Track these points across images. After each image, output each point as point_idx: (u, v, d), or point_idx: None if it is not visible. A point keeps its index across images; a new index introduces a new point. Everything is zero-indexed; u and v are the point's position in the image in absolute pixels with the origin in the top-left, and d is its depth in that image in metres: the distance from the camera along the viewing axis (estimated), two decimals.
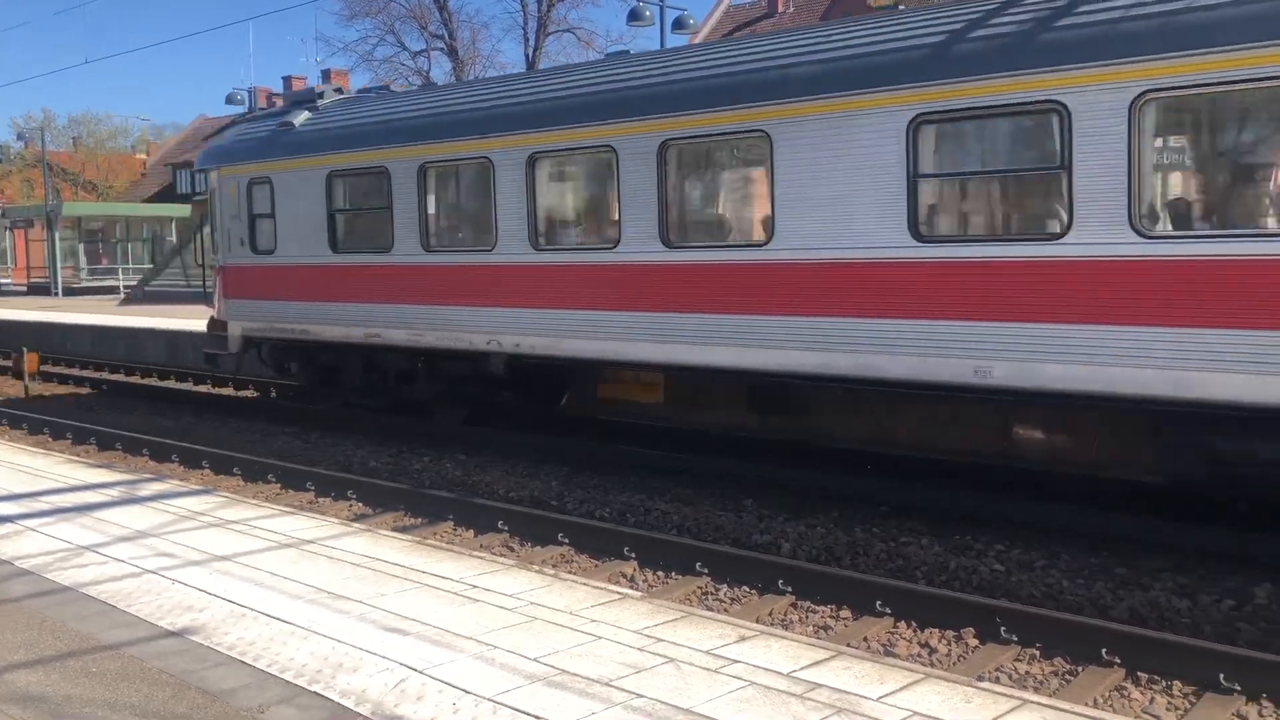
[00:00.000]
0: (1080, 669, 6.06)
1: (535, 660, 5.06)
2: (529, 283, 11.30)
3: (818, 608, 7.19)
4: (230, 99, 39.31)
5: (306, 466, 11.47)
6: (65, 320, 27.45)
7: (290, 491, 10.89)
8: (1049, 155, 8.05)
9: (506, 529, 9.15)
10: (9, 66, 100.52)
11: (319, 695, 4.73)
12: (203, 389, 18.68)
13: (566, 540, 8.72)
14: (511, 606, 5.87)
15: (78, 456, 12.01)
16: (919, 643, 6.61)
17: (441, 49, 45.35)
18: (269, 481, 11.22)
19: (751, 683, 4.76)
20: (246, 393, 17.83)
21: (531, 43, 44.13)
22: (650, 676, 4.84)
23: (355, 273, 13.14)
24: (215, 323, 15.38)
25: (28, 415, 15.21)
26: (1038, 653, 6.30)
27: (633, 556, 8.28)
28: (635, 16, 26.98)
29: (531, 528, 9.06)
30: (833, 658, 5.06)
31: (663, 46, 26.07)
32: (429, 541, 7.68)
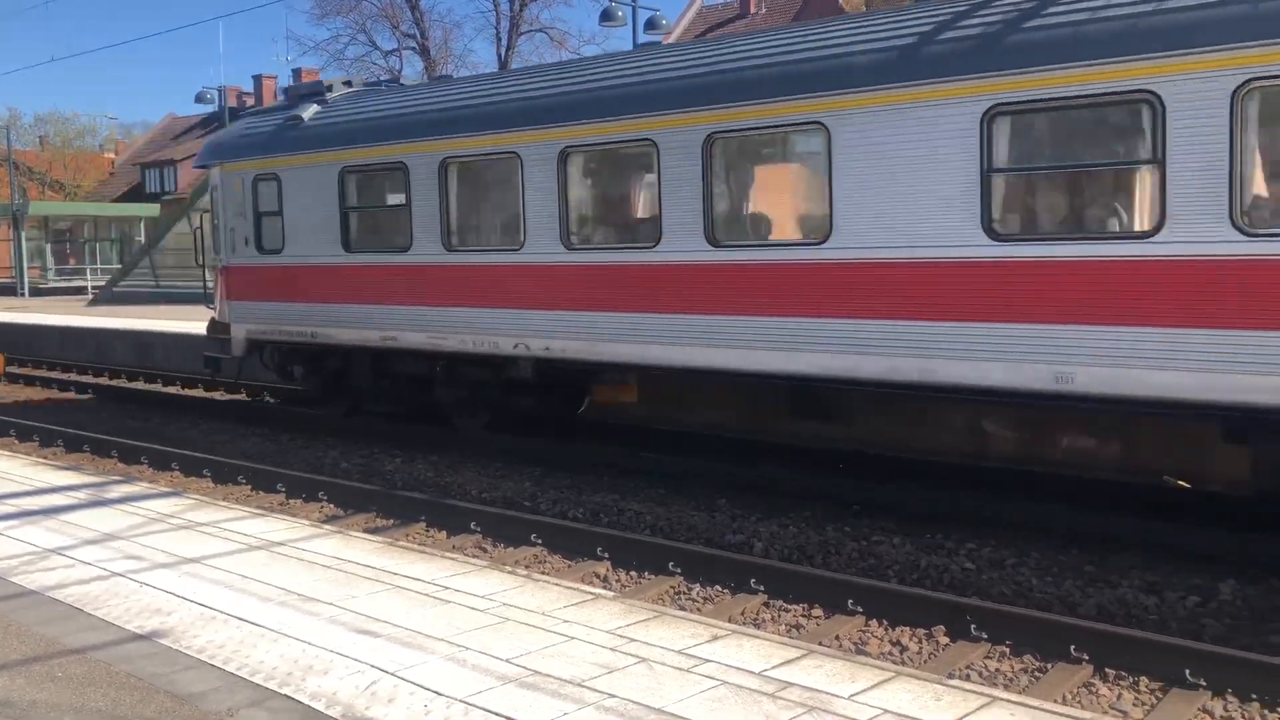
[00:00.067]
0: (1049, 666, 6.11)
1: (507, 661, 5.06)
2: (560, 283, 10.76)
3: (790, 607, 7.22)
4: (200, 98, 39.13)
5: (277, 468, 11.39)
6: (32, 321, 27.14)
7: (261, 493, 10.82)
8: (1139, 149, 7.62)
9: (479, 530, 9.13)
10: None
11: (289, 698, 4.70)
12: (172, 390, 18.53)
13: (539, 541, 8.72)
14: (483, 608, 5.86)
15: (44, 459, 11.87)
16: (890, 641, 6.65)
17: (413, 48, 45.27)
18: (239, 483, 11.14)
19: (723, 682, 4.77)
20: (216, 394, 17.69)
21: (504, 42, 44.16)
22: (622, 676, 4.84)
23: (370, 273, 12.54)
24: (216, 325, 14.64)
25: None
26: (1008, 650, 6.35)
27: (606, 557, 8.28)
28: (608, 17, 27.02)
29: (504, 529, 9.04)
30: (804, 656, 5.09)
31: (635, 47, 26.07)
32: (401, 543, 7.65)
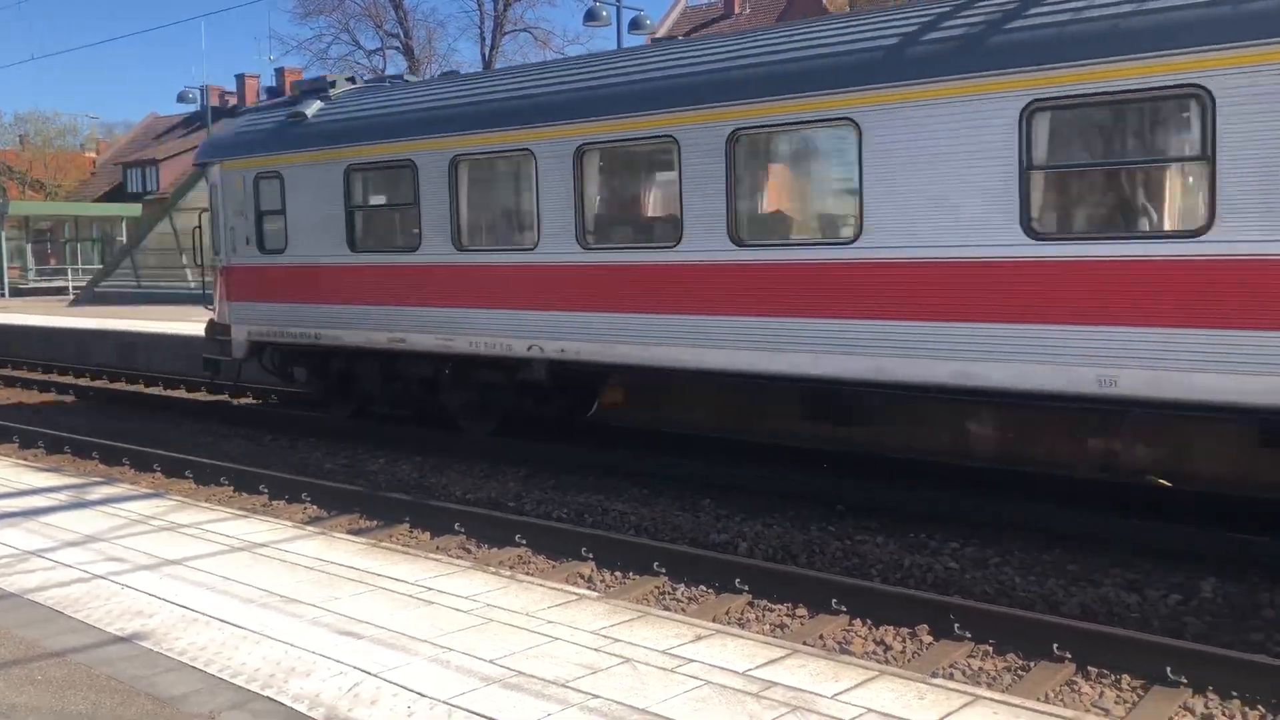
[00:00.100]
0: (1032, 664, 6.13)
1: (491, 662, 5.04)
2: (576, 284, 10.52)
3: (774, 606, 7.23)
4: (182, 97, 38.91)
5: (260, 469, 11.34)
6: (12, 321, 26.94)
7: (243, 494, 10.77)
8: (1187, 145, 7.49)
9: (463, 531, 9.11)
10: None
11: (271, 700, 4.68)
12: (154, 391, 18.42)
13: (524, 541, 8.70)
14: (467, 608, 5.84)
15: (25, 460, 11.79)
16: (874, 640, 6.66)
17: (397, 48, 45.19)
18: (221, 484, 11.08)
19: (707, 682, 4.77)
20: (199, 395, 17.60)
21: (488, 42, 44.13)
22: (606, 677, 4.84)
23: (377, 273, 12.25)
24: (216, 327, 14.30)
25: None
26: (991, 649, 6.37)
27: (590, 557, 8.27)
28: (592, 17, 27.01)
29: (488, 529, 9.02)
30: (788, 656, 5.09)
31: (619, 47, 26.08)
32: (384, 544, 7.62)
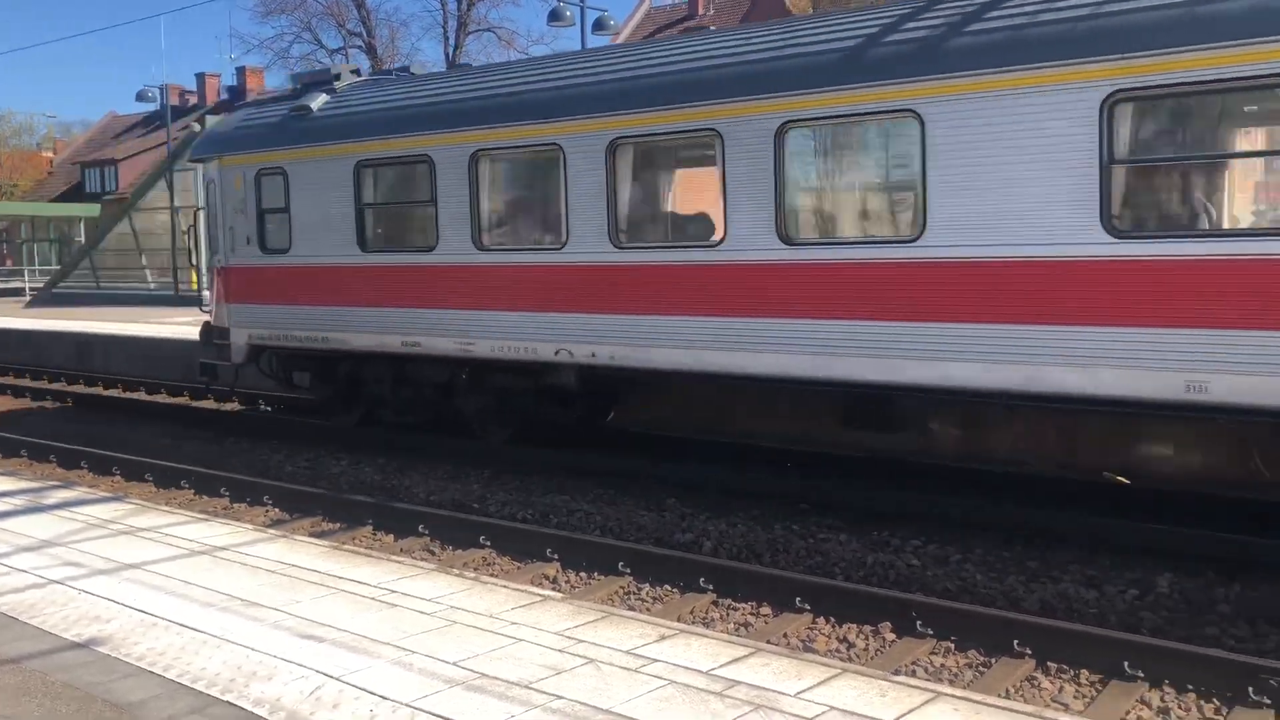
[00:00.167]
0: (993, 660, 6.19)
1: (454, 664, 5.03)
2: (609, 285, 10.03)
3: (739, 605, 7.25)
4: (141, 96, 38.45)
5: (221, 472, 11.23)
6: None
7: (204, 497, 10.67)
8: None
9: (427, 533, 9.06)
10: None
11: (232, 705, 4.64)
12: (113, 393, 18.19)
13: (488, 543, 8.67)
14: (430, 611, 5.82)
15: None
16: (837, 638, 6.70)
17: (360, 47, 44.92)
18: (182, 488, 10.97)
19: (671, 681, 4.78)
20: (159, 397, 17.41)
21: (451, 42, 43.97)
22: (570, 678, 4.84)
23: (390, 274, 11.70)
24: (213, 330, 13.67)
25: None
26: (953, 645, 6.42)
27: (555, 558, 8.26)
28: (556, 17, 26.96)
29: (452, 531, 8.99)
30: (752, 654, 5.11)
31: (583, 48, 26.08)
32: (347, 546, 7.58)
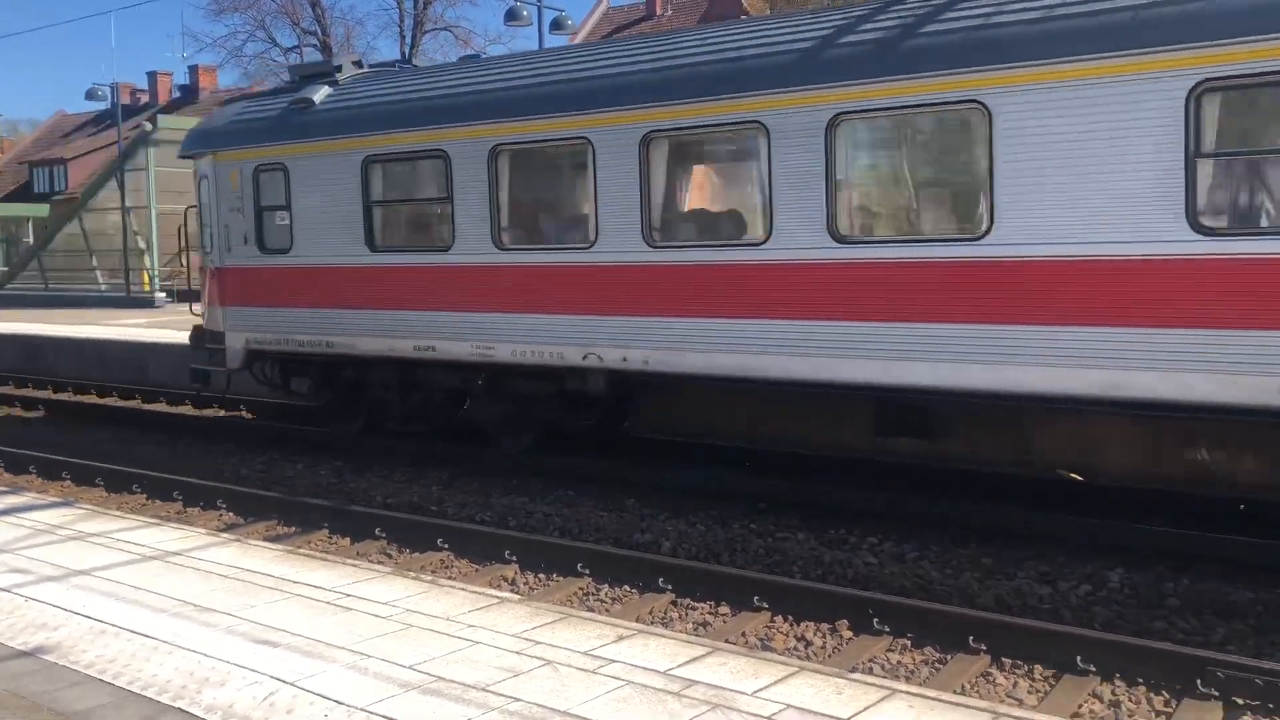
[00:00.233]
0: (949, 657, 6.25)
1: (410, 668, 4.99)
2: (642, 286, 9.60)
3: (697, 604, 7.26)
4: (91, 94, 37.87)
5: (173, 475, 11.07)
6: None
7: (157, 502, 10.52)
8: None
9: (384, 536, 8.99)
10: None
11: (183, 712, 4.57)
12: (63, 397, 17.88)
13: (446, 545, 8.62)
14: (386, 614, 5.77)
15: None
16: (795, 636, 6.73)
17: (314, 45, 44.50)
18: (134, 492, 10.81)
19: (629, 682, 4.77)
20: (110, 400, 17.14)
21: (408, 40, 43.70)
22: (527, 680, 4.82)
23: (401, 275, 11.21)
24: (206, 334, 13.06)
25: None
26: (909, 642, 6.47)
27: (514, 560, 8.23)
28: (513, 16, 26.90)
29: (410, 534, 8.93)
30: (709, 654, 5.12)
31: (541, 48, 26.02)
32: (302, 550, 7.51)
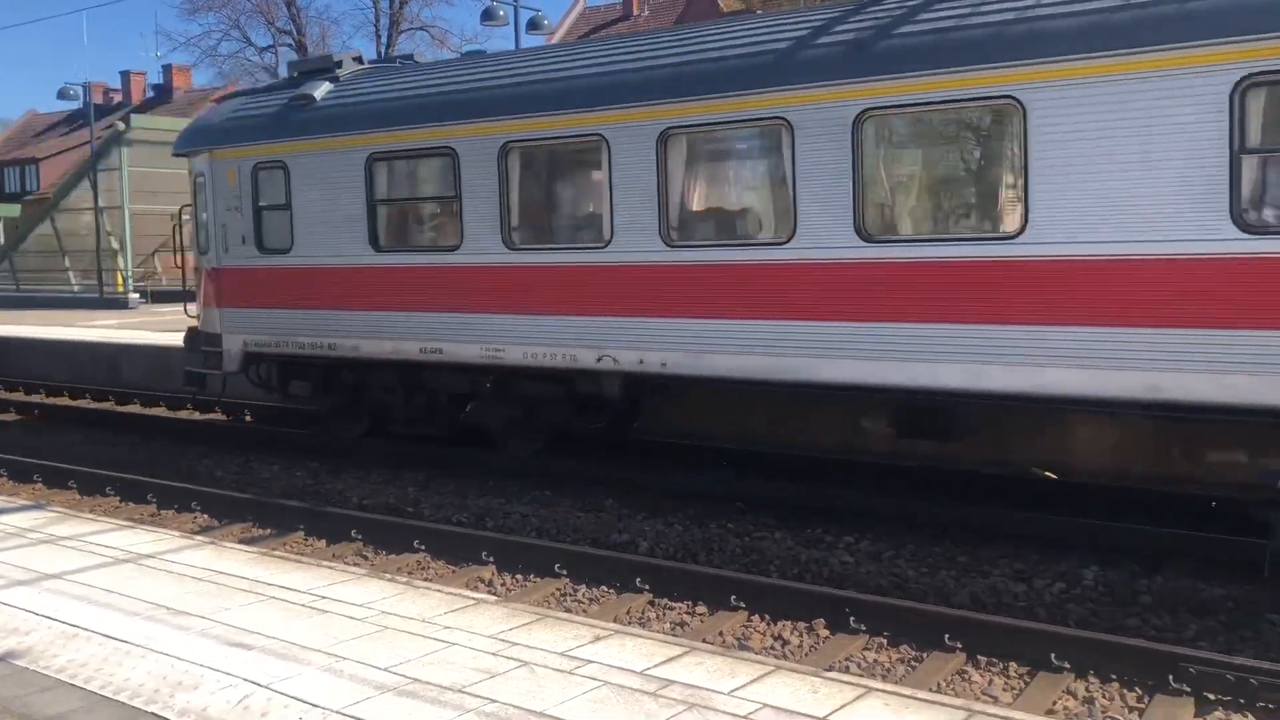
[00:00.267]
0: (925, 655, 6.28)
1: (386, 670, 4.97)
2: (660, 287, 9.43)
3: (674, 604, 7.27)
4: (63, 94, 37.60)
5: (147, 478, 10.98)
6: None
7: (130, 504, 10.43)
8: None
9: (360, 537, 8.95)
10: None
11: (156, 716, 4.54)
12: (36, 399, 17.70)
13: (422, 547, 8.59)
14: (362, 616, 5.74)
15: None
16: (772, 635, 6.75)
17: (290, 45, 44.36)
18: (107, 494, 10.72)
19: (605, 682, 4.77)
20: (84, 402, 16.99)
21: (384, 40, 43.56)
22: (504, 681, 4.81)
23: (407, 275, 11.02)
24: (202, 336, 12.79)
25: None
26: (885, 641, 6.50)
27: (491, 561, 8.21)
28: (489, 16, 26.85)
29: (386, 535, 8.89)
30: (686, 654, 5.12)
31: (517, 47, 25.98)
32: (277, 553, 7.47)
